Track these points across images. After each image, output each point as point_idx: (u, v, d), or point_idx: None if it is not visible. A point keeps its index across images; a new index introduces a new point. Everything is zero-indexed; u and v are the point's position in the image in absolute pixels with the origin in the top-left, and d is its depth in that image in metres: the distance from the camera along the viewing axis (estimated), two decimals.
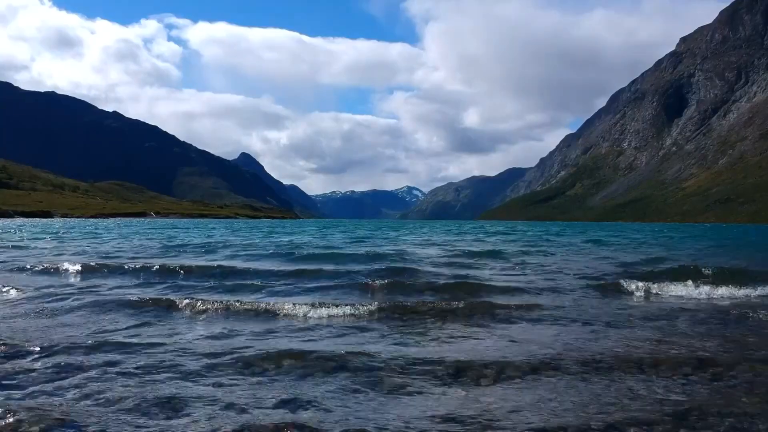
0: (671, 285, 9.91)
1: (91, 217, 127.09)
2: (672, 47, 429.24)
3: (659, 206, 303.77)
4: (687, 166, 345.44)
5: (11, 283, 9.69)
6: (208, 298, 8.28)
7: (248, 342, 5.66)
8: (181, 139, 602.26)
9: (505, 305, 7.85)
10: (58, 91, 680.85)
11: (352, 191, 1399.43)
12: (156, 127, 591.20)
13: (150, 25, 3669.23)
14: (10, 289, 9.00)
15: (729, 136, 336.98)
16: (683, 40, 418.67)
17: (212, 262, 14.13)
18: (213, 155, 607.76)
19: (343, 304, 7.71)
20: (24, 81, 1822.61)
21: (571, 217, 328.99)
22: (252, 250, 19.49)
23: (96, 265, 12.33)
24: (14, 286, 9.21)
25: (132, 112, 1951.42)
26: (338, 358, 4.92)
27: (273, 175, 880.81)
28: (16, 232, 35.23)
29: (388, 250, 19.87)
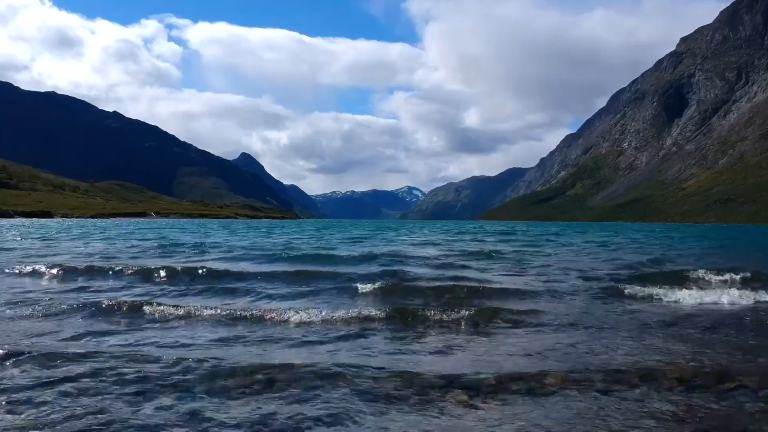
0: (677, 289, 9.58)
1: (92, 217, 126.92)
2: (672, 47, 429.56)
3: (659, 206, 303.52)
4: (687, 166, 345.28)
5: None
6: (177, 303, 7.88)
7: (204, 353, 5.13)
8: (182, 139, 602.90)
9: (504, 310, 7.55)
10: (59, 91, 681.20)
11: (353, 191, 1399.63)
12: (156, 127, 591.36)
13: (150, 25, 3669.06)
14: None
15: (729, 136, 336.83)
16: (683, 40, 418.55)
17: (201, 263, 13.84)
18: (213, 155, 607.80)
19: (322, 309, 7.29)
20: (24, 81, 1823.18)
21: (572, 217, 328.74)
22: (240, 251, 19.07)
23: (74, 267, 11.95)
24: None
25: (132, 112, 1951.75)
26: (313, 373, 4.45)
27: (273, 175, 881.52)
28: (10, 233, 34.89)
29: (385, 251, 19.52)
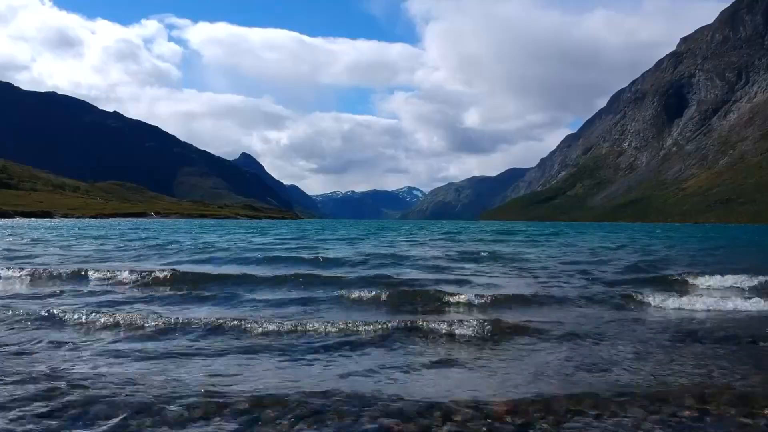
0: (685, 295, 9.21)
1: (92, 218, 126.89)
2: (672, 47, 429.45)
3: (660, 206, 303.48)
4: (687, 166, 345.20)
5: None
6: (115, 311, 7.31)
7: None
8: (182, 140, 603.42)
9: (503, 321, 7.04)
10: (59, 92, 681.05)
11: (353, 191, 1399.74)
12: (156, 128, 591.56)
13: (150, 26, 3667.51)
14: None
15: (729, 137, 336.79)
16: (684, 40, 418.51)
17: (177, 266, 13.58)
18: (213, 155, 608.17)
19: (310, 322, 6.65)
20: (24, 81, 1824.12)
21: (572, 217, 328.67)
22: (224, 253, 18.72)
23: (25, 272, 11.49)
24: None
25: (132, 113, 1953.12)
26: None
27: (273, 176, 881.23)
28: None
29: (377, 252, 19.27)
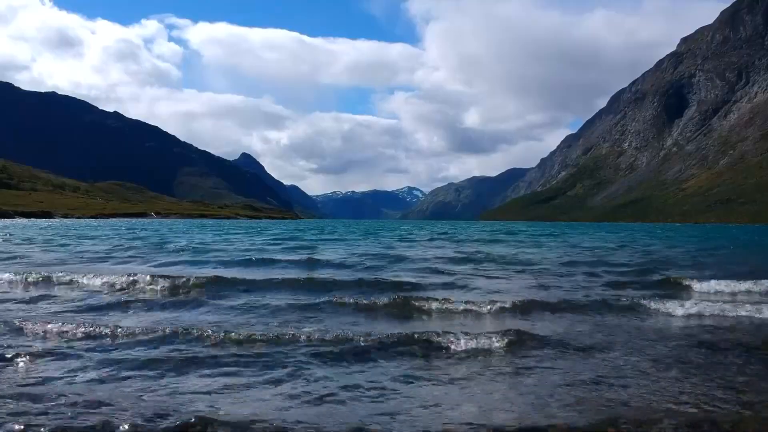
0: (701, 302, 8.72)
1: (92, 218, 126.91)
2: (673, 47, 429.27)
3: (660, 207, 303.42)
4: (688, 166, 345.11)
5: None
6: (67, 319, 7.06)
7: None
8: (182, 140, 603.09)
9: (521, 331, 6.53)
10: (59, 92, 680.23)
11: (353, 191, 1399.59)
12: (156, 128, 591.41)
13: (150, 26, 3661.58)
14: None
15: (730, 137, 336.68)
16: (684, 40, 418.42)
17: (163, 267, 13.21)
18: (213, 155, 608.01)
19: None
20: (25, 81, 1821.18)
21: (572, 217, 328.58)
22: (210, 255, 18.42)
23: None
24: None
25: (132, 113, 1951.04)
26: None
27: (273, 176, 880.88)
28: None
29: (373, 253, 19.01)
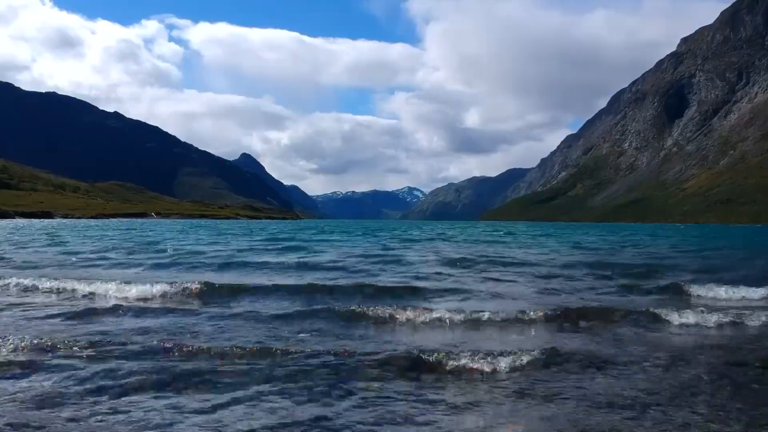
0: (718, 312, 7.96)
1: (92, 218, 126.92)
2: (673, 48, 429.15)
3: (660, 207, 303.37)
4: (688, 166, 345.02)
5: None
6: None
7: None
8: (182, 140, 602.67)
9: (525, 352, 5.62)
10: (59, 92, 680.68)
11: (353, 192, 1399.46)
12: (157, 128, 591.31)
13: (151, 26, 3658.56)
14: None
15: (730, 137, 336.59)
16: (684, 40, 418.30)
17: (140, 269, 12.95)
18: (214, 156, 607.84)
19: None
20: (25, 81, 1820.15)
21: (572, 217, 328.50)
22: (193, 257, 17.53)
23: None
24: None
25: (133, 113, 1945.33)
26: None
27: (274, 176, 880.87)
28: None
29: (371, 254, 18.72)
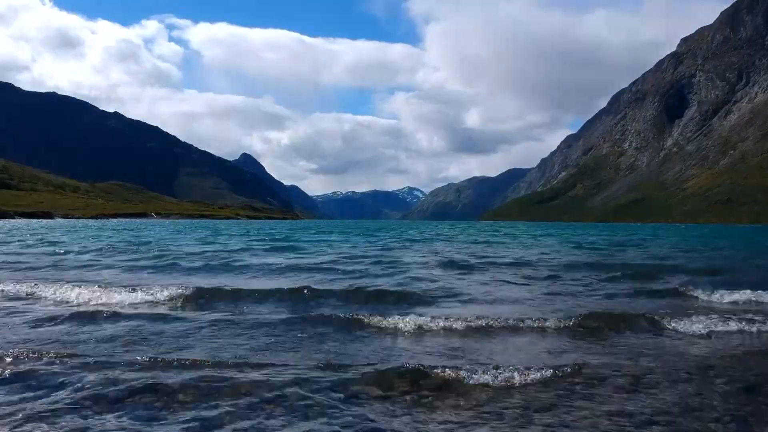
0: (729, 320, 7.39)
1: (92, 218, 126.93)
2: (673, 48, 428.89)
3: (660, 207, 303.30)
4: (688, 166, 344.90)
5: None
6: None
7: None
8: (183, 140, 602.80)
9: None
10: (60, 92, 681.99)
11: (353, 192, 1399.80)
12: (157, 128, 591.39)
13: (151, 26, 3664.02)
14: None
15: (730, 137, 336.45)
16: (684, 40, 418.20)
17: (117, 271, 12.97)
18: (214, 156, 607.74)
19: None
20: (25, 82, 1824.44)
21: (572, 217, 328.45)
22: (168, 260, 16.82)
23: None
24: None
25: (133, 113, 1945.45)
26: None
27: (274, 176, 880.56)
28: None
29: (369, 254, 18.31)
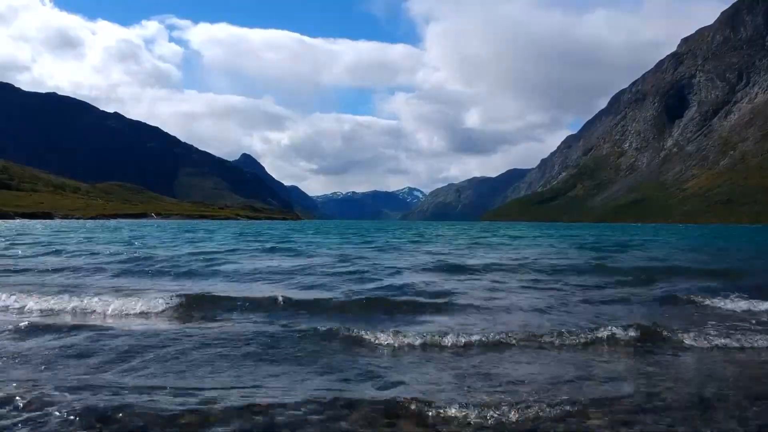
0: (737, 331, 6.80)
1: (92, 218, 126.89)
2: (673, 48, 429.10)
3: (660, 207, 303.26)
4: (688, 167, 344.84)
5: None
6: None
7: None
8: (183, 140, 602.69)
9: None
10: (60, 92, 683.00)
11: (353, 192, 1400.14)
12: (157, 128, 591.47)
13: (151, 26, 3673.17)
14: None
15: (730, 137, 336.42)
16: (684, 40, 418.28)
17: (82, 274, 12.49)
18: (214, 156, 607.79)
19: None
20: (25, 82, 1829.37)
21: (572, 218, 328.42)
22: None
23: None
24: None
25: (133, 113, 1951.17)
26: None
27: (274, 176, 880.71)
28: None
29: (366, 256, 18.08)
